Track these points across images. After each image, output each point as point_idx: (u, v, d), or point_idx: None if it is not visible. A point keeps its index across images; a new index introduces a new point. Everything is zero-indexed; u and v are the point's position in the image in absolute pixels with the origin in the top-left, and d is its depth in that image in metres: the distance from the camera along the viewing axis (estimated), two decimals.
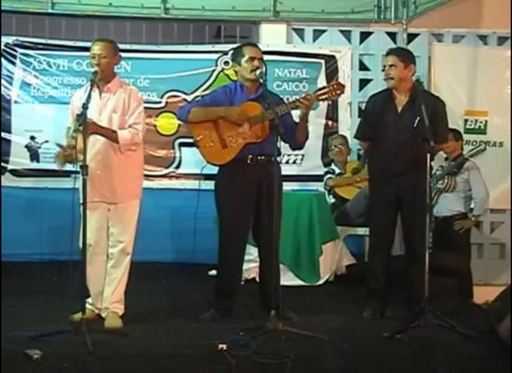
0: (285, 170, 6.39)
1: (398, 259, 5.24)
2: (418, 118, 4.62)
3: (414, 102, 4.78)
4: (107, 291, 4.58)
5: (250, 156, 4.65)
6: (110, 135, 4.45)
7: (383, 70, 5.00)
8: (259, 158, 4.65)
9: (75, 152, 4.27)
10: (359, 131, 5.23)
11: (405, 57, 4.88)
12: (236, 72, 4.83)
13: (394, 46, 6.94)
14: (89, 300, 4.57)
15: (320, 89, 4.75)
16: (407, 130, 4.75)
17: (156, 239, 6.51)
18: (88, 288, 4.51)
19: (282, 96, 5.18)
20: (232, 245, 4.75)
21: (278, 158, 4.53)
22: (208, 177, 6.22)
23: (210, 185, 5.82)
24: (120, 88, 4.59)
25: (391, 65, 4.85)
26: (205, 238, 6.34)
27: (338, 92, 4.69)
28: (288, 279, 5.72)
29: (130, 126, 4.51)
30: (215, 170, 4.88)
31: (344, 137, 6.71)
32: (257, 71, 4.62)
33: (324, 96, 4.69)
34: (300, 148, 5.04)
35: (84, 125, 4.14)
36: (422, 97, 4.72)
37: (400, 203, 4.90)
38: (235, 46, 5.12)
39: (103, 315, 4.57)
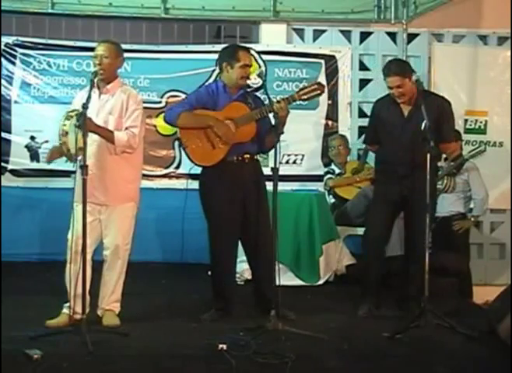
0: (285, 170, 6.43)
1: (398, 259, 5.24)
2: (425, 121, 4.62)
3: (420, 105, 4.78)
4: (103, 292, 4.57)
5: (235, 156, 4.66)
6: (107, 135, 4.43)
7: (384, 77, 4.97)
8: (245, 156, 4.67)
9: (74, 146, 4.25)
10: (368, 137, 5.35)
11: (406, 71, 4.86)
12: (221, 70, 4.80)
13: (394, 46, 6.97)
14: (67, 304, 4.45)
15: (301, 89, 4.76)
16: (414, 133, 4.76)
17: (156, 239, 6.51)
18: (68, 290, 4.42)
19: (281, 96, 5.18)
20: (222, 246, 4.74)
21: (279, 158, 4.52)
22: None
23: None
24: (120, 89, 4.58)
25: (398, 86, 4.83)
26: (206, 237, 6.36)
27: (318, 91, 4.71)
28: (288, 279, 5.71)
29: (127, 128, 4.50)
30: None
31: (343, 138, 6.71)
32: (257, 72, 4.65)
33: (304, 96, 4.70)
34: (264, 153, 5.05)
35: (83, 124, 4.14)
36: (427, 98, 4.75)
37: (404, 204, 4.91)
38: (227, 45, 5.12)
39: (100, 314, 4.57)
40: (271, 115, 4.66)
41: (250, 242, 4.76)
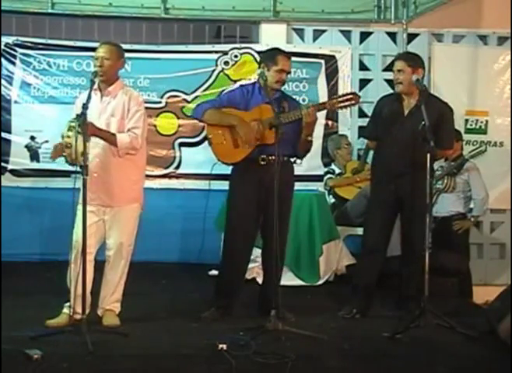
0: None
1: (398, 259, 5.24)
2: (423, 122, 4.59)
3: (420, 105, 4.77)
4: (105, 292, 4.58)
5: (262, 156, 4.68)
6: (109, 138, 4.43)
7: (383, 70, 5.01)
8: (271, 158, 4.65)
9: (75, 153, 4.24)
10: (367, 131, 5.35)
11: (413, 61, 4.88)
12: (259, 70, 4.83)
13: (394, 46, 6.97)
14: (68, 304, 4.44)
15: (334, 98, 4.82)
16: (412, 132, 4.76)
17: (155, 239, 6.50)
18: (69, 290, 4.40)
19: None
20: (238, 244, 4.75)
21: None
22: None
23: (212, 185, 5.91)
24: (121, 91, 4.57)
25: (399, 70, 4.85)
26: (206, 238, 6.36)
27: (353, 102, 4.73)
28: (288, 279, 5.72)
29: (129, 130, 4.49)
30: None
31: (346, 137, 6.75)
32: (258, 72, 4.69)
33: (337, 105, 4.74)
34: (299, 157, 5.06)
35: (84, 125, 4.13)
36: (428, 100, 4.75)
37: (400, 204, 4.91)
38: (269, 47, 5.14)
39: (100, 313, 4.57)
40: None
41: (268, 244, 4.72)
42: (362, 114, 6.96)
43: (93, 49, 4.69)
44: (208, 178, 6.50)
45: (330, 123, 6.93)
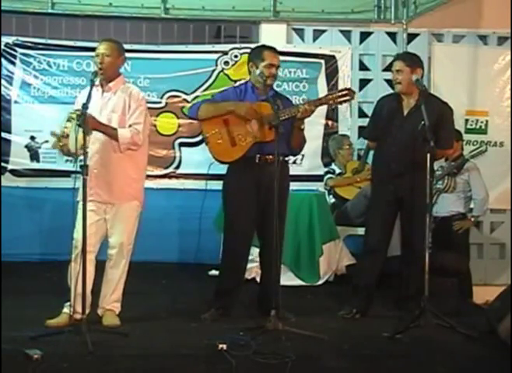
0: None
1: (398, 259, 5.24)
2: (422, 122, 4.59)
3: (420, 105, 4.78)
4: (105, 290, 4.58)
5: (258, 155, 4.67)
6: (110, 132, 4.43)
7: (383, 70, 5.01)
8: (267, 157, 4.65)
9: (74, 144, 4.24)
10: (367, 131, 5.36)
11: (412, 61, 4.89)
12: (249, 71, 4.84)
13: (394, 46, 6.97)
14: (68, 303, 4.44)
15: (330, 94, 4.81)
16: (411, 132, 4.76)
17: (155, 239, 6.50)
18: (70, 289, 4.41)
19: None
20: (237, 244, 4.76)
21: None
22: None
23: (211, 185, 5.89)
24: (122, 87, 4.58)
25: (397, 70, 4.87)
26: (206, 238, 6.36)
27: (348, 97, 4.72)
28: (288, 279, 5.72)
29: (130, 125, 4.50)
30: (219, 170, 4.91)
31: (348, 138, 6.75)
32: (258, 71, 4.66)
33: (332, 101, 4.73)
34: (294, 154, 5.05)
35: (84, 124, 4.14)
36: (428, 100, 4.75)
37: (400, 204, 4.91)
38: (255, 45, 5.14)
39: (100, 313, 4.58)
40: None
41: (266, 244, 4.71)
42: (362, 114, 6.97)
43: (93, 49, 4.69)
44: (208, 178, 6.50)
45: (330, 123, 6.93)
